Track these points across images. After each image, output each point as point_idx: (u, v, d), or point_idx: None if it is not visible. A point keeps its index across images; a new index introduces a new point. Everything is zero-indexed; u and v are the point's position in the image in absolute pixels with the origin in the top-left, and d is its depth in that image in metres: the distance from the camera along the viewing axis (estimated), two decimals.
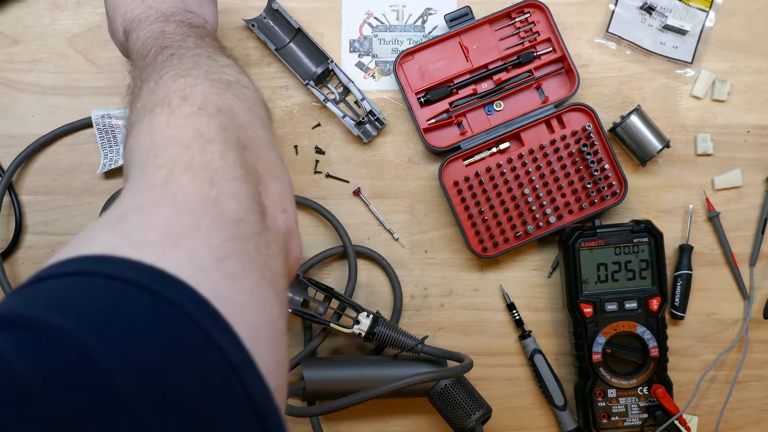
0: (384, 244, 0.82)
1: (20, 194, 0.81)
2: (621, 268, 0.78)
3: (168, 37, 0.55)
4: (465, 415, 0.75)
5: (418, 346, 0.76)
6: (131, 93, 0.52)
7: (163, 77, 0.46)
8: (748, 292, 0.82)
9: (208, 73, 0.47)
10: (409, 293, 0.82)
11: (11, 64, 0.82)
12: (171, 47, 0.52)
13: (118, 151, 0.80)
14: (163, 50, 0.52)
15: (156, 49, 0.53)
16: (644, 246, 0.78)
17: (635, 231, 0.78)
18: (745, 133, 0.83)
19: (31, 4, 0.82)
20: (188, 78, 0.45)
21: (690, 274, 0.81)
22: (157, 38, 0.55)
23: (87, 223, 0.80)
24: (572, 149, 0.80)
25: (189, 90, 0.44)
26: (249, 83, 0.50)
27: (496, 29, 0.81)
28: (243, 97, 0.47)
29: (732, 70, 0.83)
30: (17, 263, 0.81)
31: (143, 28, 0.58)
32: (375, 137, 0.82)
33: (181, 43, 0.53)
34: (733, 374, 0.82)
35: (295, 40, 0.82)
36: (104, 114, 0.80)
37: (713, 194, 0.82)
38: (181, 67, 0.48)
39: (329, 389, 0.75)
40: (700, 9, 0.82)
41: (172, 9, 0.62)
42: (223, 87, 0.46)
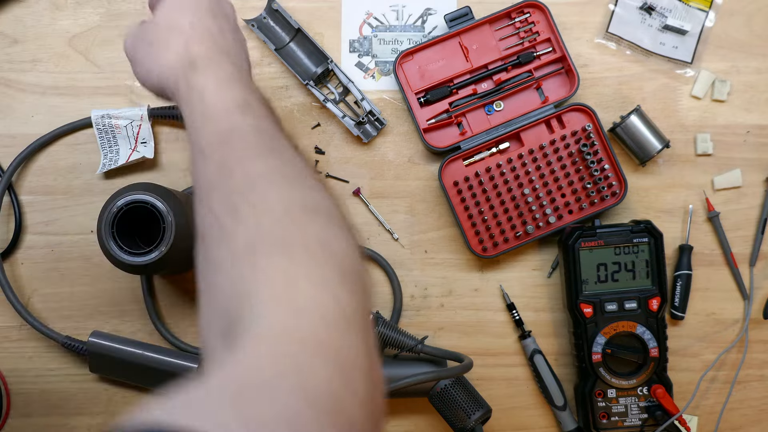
0: (384, 244, 0.82)
1: (20, 194, 0.81)
2: (621, 268, 0.78)
3: (253, 128, 0.48)
4: (465, 416, 0.75)
5: (418, 346, 0.76)
6: (202, 160, 0.46)
7: (266, 202, 0.41)
8: (748, 292, 0.82)
9: (326, 220, 0.42)
10: (409, 293, 0.82)
11: (11, 64, 0.82)
12: (263, 152, 0.46)
13: (117, 152, 0.80)
14: (254, 152, 0.46)
15: (242, 143, 0.46)
16: (644, 246, 0.78)
17: (635, 231, 0.78)
18: (745, 133, 0.83)
19: (31, 4, 0.82)
20: (301, 219, 0.40)
21: (690, 274, 0.81)
22: (239, 120, 0.48)
23: (87, 224, 0.81)
24: (572, 149, 0.80)
25: (312, 241, 0.39)
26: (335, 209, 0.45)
27: (496, 29, 0.81)
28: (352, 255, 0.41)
29: (732, 70, 0.83)
30: (17, 263, 0.81)
31: (211, 84, 0.51)
32: (375, 137, 0.82)
33: (273, 145, 0.47)
34: (732, 374, 0.82)
35: (295, 40, 0.82)
36: (104, 114, 0.80)
37: (713, 194, 0.82)
38: (285, 196, 0.42)
39: None
40: (700, 9, 0.82)
41: (241, 62, 0.57)
42: (345, 240, 0.41)
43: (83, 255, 0.81)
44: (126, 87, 0.82)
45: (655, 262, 0.78)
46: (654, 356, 0.77)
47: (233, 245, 0.40)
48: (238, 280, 0.38)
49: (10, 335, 0.80)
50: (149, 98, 0.82)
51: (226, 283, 0.40)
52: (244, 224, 0.41)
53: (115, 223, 0.68)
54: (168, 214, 0.68)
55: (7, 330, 0.80)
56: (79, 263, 0.81)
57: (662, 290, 0.78)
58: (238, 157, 0.45)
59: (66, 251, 0.81)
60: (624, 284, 0.78)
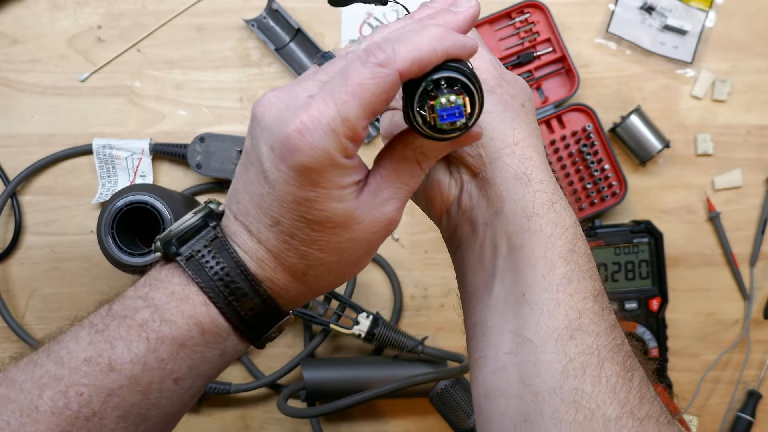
0: (384, 244, 0.82)
1: (20, 194, 0.81)
2: (621, 268, 0.78)
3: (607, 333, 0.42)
4: (465, 416, 0.75)
5: (418, 347, 0.76)
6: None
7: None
8: (748, 292, 0.82)
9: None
10: (409, 293, 0.82)
11: (11, 64, 0.82)
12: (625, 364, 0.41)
13: (116, 182, 0.80)
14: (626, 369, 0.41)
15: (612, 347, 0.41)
16: (644, 246, 0.78)
17: (635, 231, 0.78)
18: (745, 133, 0.83)
19: (30, 4, 0.82)
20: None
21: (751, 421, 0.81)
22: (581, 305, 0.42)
23: (87, 224, 0.81)
24: (572, 149, 0.80)
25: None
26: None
27: (496, 29, 0.81)
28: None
29: (732, 70, 0.83)
30: (17, 263, 0.81)
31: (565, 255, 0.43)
32: (375, 137, 0.82)
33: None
34: (731, 374, 0.82)
35: (295, 40, 0.82)
36: (105, 144, 0.80)
37: (713, 194, 0.82)
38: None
39: (329, 390, 0.75)
40: (700, 9, 0.82)
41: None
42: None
43: (83, 255, 0.81)
44: (126, 87, 0.82)
45: (655, 262, 0.78)
46: (654, 356, 0.77)
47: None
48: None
49: (10, 335, 0.80)
50: (147, 99, 0.82)
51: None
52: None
53: (114, 223, 0.68)
54: (168, 215, 0.68)
55: (7, 330, 0.80)
56: (79, 263, 0.81)
57: (662, 290, 0.78)
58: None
59: (66, 251, 0.81)
60: (624, 284, 0.78)
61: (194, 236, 0.40)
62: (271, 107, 0.38)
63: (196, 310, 0.39)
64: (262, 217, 0.39)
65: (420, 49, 0.35)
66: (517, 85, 0.47)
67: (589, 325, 0.41)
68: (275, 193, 0.38)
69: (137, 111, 0.82)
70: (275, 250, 0.40)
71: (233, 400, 0.81)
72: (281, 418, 0.76)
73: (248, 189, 0.40)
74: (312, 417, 0.78)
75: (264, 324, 0.41)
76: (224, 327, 0.40)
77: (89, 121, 0.82)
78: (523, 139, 0.45)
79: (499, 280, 0.44)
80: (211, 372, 0.41)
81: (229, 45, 0.82)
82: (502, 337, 0.43)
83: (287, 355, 0.81)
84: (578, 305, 0.41)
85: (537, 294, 0.42)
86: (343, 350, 0.82)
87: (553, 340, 0.40)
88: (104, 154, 0.80)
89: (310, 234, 0.39)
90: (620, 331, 0.42)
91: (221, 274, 0.39)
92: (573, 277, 0.42)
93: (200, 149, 0.79)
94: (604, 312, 0.42)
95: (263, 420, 0.81)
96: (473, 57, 0.42)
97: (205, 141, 0.79)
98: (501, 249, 0.44)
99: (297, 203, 0.38)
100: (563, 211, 0.44)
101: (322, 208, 0.38)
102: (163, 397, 0.39)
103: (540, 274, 0.42)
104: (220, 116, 0.82)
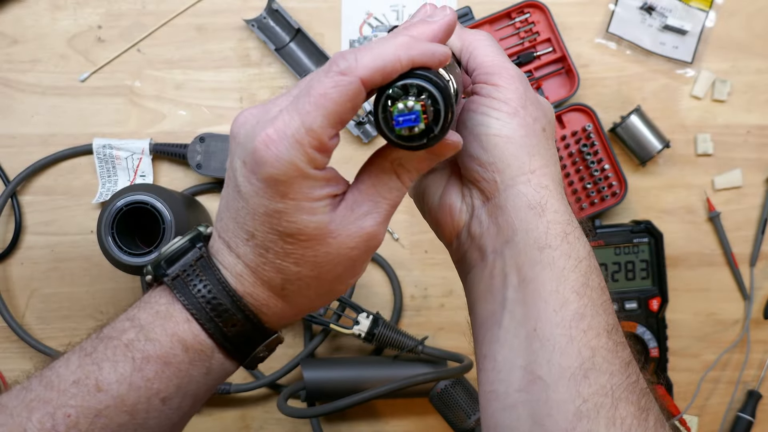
0: (384, 244, 0.82)
1: (20, 194, 0.81)
2: (621, 269, 0.78)
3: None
4: (465, 416, 0.75)
5: (418, 347, 0.76)
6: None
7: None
8: (748, 292, 0.82)
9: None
10: (409, 293, 0.82)
11: (11, 64, 0.82)
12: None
13: (116, 182, 0.80)
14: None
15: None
16: (644, 246, 0.78)
17: (635, 231, 0.78)
18: (745, 133, 0.83)
19: (31, 4, 0.82)
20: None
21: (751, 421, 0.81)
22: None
23: (87, 224, 0.81)
24: (572, 149, 0.80)
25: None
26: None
27: (496, 29, 0.81)
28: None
29: (732, 70, 0.83)
30: (17, 263, 0.81)
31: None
32: (375, 137, 0.82)
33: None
34: (731, 374, 0.82)
35: (295, 40, 0.82)
36: (105, 144, 0.80)
37: (713, 194, 0.82)
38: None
39: (329, 390, 0.75)
40: (700, 9, 0.82)
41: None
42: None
43: (83, 255, 0.81)
44: (126, 87, 0.82)
45: (655, 262, 0.78)
46: (654, 356, 0.77)
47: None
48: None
49: (11, 335, 0.80)
50: (147, 99, 0.82)
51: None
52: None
53: (114, 223, 0.68)
54: (168, 215, 0.68)
55: (7, 330, 0.80)
56: (79, 263, 0.81)
57: (662, 290, 0.78)
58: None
59: (66, 251, 0.81)
60: (624, 284, 0.78)
61: (181, 257, 0.41)
62: (245, 123, 0.39)
63: (178, 328, 0.39)
64: (239, 232, 0.40)
65: (383, 58, 0.35)
66: (540, 108, 0.46)
67: (602, 363, 0.40)
68: (248, 206, 0.38)
69: (137, 111, 0.82)
70: (253, 265, 0.40)
71: (233, 400, 0.81)
72: (281, 418, 0.76)
73: (228, 205, 0.40)
74: (312, 417, 0.78)
75: (248, 342, 0.41)
76: (208, 344, 0.40)
77: (89, 121, 0.82)
78: (541, 167, 0.44)
79: (508, 312, 0.43)
80: (199, 391, 0.41)
81: (229, 45, 0.82)
82: (512, 373, 0.42)
83: (287, 355, 0.81)
84: (592, 342, 0.40)
85: (549, 330, 0.41)
86: (343, 350, 0.82)
87: (566, 379, 0.39)
88: (104, 154, 0.80)
89: (284, 246, 0.39)
90: (635, 367, 0.41)
91: (204, 292, 0.40)
92: (586, 312, 0.41)
93: (200, 149, 0.79)
94: (618, 348, 0.41)
95: (263, 420, 0.81)
96: (501, 74, 0.43)
97: (205, 141, 0.79)
98: (511, 280, 0.43)
99: (268, 215, 0.38)
100: (577, 242, 0.43)
101: (293, 220, 0.38)
102: (150, 417, 0.39)
103: (552, 309, 0.41)
104: (220, 116, 0.82)
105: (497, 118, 0.44)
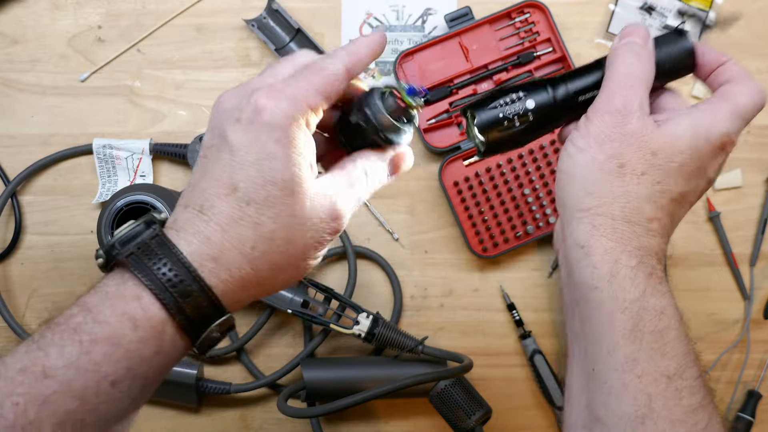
0: (384, 245, 0.82)
1: (20, 194, 0.81)
2: None
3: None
4: (465, 416, 0.75)
5: (418, 347, 0.76)
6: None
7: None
8: (748, 292, 0.82)
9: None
10: (409, 293, 0.82)
11: (11, 64, 0.82)
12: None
13: (116, 182, 0.80)
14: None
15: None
16: None
17: None
18: (745, 133, 0.83)
19: (31, 4, 0.82)
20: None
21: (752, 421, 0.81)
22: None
23: (87, 224, 0.81)
24: None
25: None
26: None
27: (496, 29, 0.81)
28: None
29: None
30: (17, 263, 0.81)
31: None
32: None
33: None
34: (731, 374, 0.82)
35: (295, 40, 0.82)
36: (105, 144, 0.80)
37: (713, 194, 0.82)
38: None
39: (329, 390, 0.75)
40: (700, 9, 0.82)
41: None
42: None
43: (83, 255, 0.81)
44: (126, 87, 0.82)
45: None
46: None
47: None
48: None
49: (10, 335, 0.80)
50: (147, 99, 0.82)
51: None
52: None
53: (114, 223, 0.68)
54: (168, 215, 0.68)
55: (7, 330, 0.80)
56: (79, 263, 0.81)
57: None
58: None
59: (66, 251, 0.81)
60: None
61: (135, 238, 0.41)
62: (230, 98, 0.43)
63: (128, 306, 0.39)
64: (219, 189, 0.41)
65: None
66: (628, 143, 0.45)
67: (662, 410, 0.40)
68: (236, 158, 0.40)
69: (137, 111, 0.82)
70: (227, 221, 0.40)
71: (233, 400, 0.81)
72: (281, 418, 0.76)
73: (205, 173, 0.42)
74: (312, 417, 0.78)
75: (203, 318, 0.41)
76: (159, 318, 0.39)
77: (89, 121, 0.82)
78: (597, 206, 0.44)
79: (576, 344, 0.45)
80: (149, 373, 0.40)
81: (229, 45, 0.82)
82: (579, 410, 0.44)
83: (287, 355, 0.81)
84: (647, 389, 0.40)
85: (605, 372, 0.41)
86: (343, 350, 0.82)
87: (623, 424, 0.40)
88: (104, 154, 0.80)
89: (266, 197, 0.40)
90: (704, 413, 0.41)
91: (159, 265, 0.39)
92: (639, 357, 0.41)
93: (200, 149, 0.79)
94: (682, 394, 0.41)
95: (263, 420, 0.81)
96: (597, 106, 0.46)
97: None
98: (575, 313, 0.45)
99: (259, 162, 0.40)
100: (627, 282, 0.43)
101: (280, 167, 0.40)
102: (100, 402, 0.38)
103: (605, 352, 0.42)
104: None
105: (569, 154, 0.46)
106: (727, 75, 0.49)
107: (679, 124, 0.47)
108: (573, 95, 0.48)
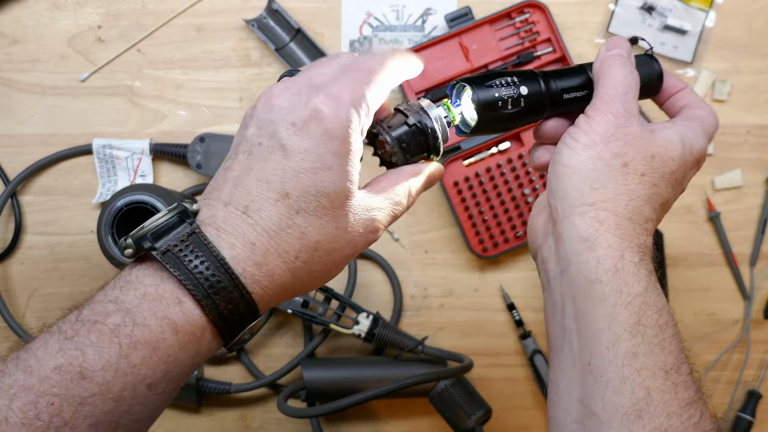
0: (384, 245, 0.82)
1: (20, 194, 0.81)
2: None
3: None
4: (465, 416, 0.75)
5: (418, 347, 0.76)
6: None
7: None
8: (748, 292, 0.82)
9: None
10: (409, 293, 0.82)
11: (11, 64, 0.82)
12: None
13: (116, 182, 0.80)
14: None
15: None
16: None
17: None
18: (745, 133, 0.83)
19: (31, 4, 0.82)
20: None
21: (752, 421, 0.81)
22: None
23: (87, 224, 0.81)
24: None
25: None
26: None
27: (496, 29, 0.81)
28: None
29: (732, 70, 0.83)
30: (17, 263, 0.81)
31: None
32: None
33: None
34: (731, 374, 0.82)
35: (295, 40, 0.82)
36: (105, 144, 0.80)
37: (713, 194, 0.82)
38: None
39: (329, 390, 0.75)
40: (700, 9, 0.82)
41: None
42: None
43: (83, 255, 0.81)
44: (126, 87, 0.82)
45: (655, 261, 0.78)
46: None
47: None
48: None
49: (11, 335, 0.80)
50: (147, 99, 0.82)
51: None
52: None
53: (114, 223, 0.68)
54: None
55: (7, 330, 0.80)
56: (79, 263, 0.81)
57: (662, 290, 0.77)
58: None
59: (66, 251, 0.81)
60: None
61: (169, 232, 0.40)
62: (283, 93, 0.42)
63: (169, 310, 0.38)
64: (269, 193, 0.40)
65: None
66: (631, 143, 0.46)
67: (659, 404, 0.40)
68: (291, 163, 0.40)
69: (137, 111, 0.82)
70: (274, 228, 0.40)
71: (233, 400, 0.81)
72: (281, 418, 0.76)
73: (250, 171, 0.41)
74: (312, 417, 0.78)
75: (240, 321, 0.40)
76: (200, 324, 0.39)
77: (89, 121, 0.82)
78: (602, 201, 0.45)
79: (567, 341, 0.44)
80: (183, 373, 0.40)
81: (229, 45, 0.82)
82: (570, 404, 0.43)
83: (287, 355, 0.81)
84: (646, 382, 0.40)
85: (602, 366, 0.41)
86: (343, 350, 0.82)
87: (619, 417, 0.40)
88: (104, 154, 0.80)
89: (316, 207, 0.40)
90: (698, 407, 0.41)
91: (201, 268, 0.38)
92: (639, 351, 0.41)
93: (200, 149, 0.79)
94: (678, 389, 0.41)
95: (263, 420, 0.81)
96: (598, 106, 0.46)
97: (205, 141, 0.80)
98: (568, 310, 0.45)
99: (314, 171, 0.39)
100: (631, 277, 0.44)
101: (334, 179, 0.40)
102: (135, 403, 0.38)
103: (604, 346, 0.42)
104: (220, 116, 0.82)
105: (571, 149, 0.46)
106: (686, 100, 0.52)
107: (672, 133, 0.48)
108: (560, 92, 0.49)
